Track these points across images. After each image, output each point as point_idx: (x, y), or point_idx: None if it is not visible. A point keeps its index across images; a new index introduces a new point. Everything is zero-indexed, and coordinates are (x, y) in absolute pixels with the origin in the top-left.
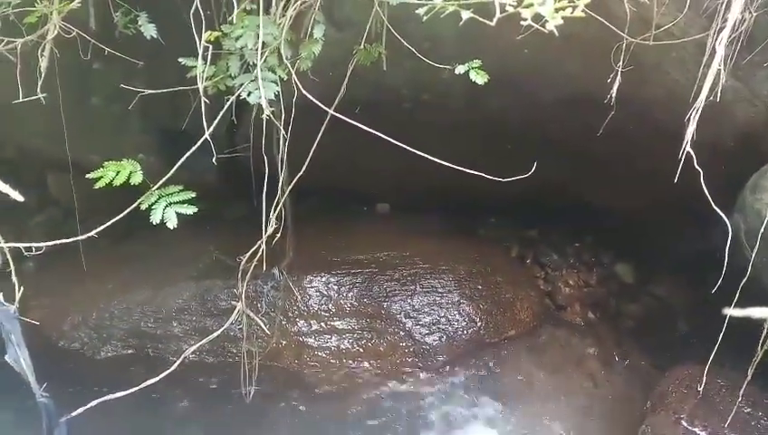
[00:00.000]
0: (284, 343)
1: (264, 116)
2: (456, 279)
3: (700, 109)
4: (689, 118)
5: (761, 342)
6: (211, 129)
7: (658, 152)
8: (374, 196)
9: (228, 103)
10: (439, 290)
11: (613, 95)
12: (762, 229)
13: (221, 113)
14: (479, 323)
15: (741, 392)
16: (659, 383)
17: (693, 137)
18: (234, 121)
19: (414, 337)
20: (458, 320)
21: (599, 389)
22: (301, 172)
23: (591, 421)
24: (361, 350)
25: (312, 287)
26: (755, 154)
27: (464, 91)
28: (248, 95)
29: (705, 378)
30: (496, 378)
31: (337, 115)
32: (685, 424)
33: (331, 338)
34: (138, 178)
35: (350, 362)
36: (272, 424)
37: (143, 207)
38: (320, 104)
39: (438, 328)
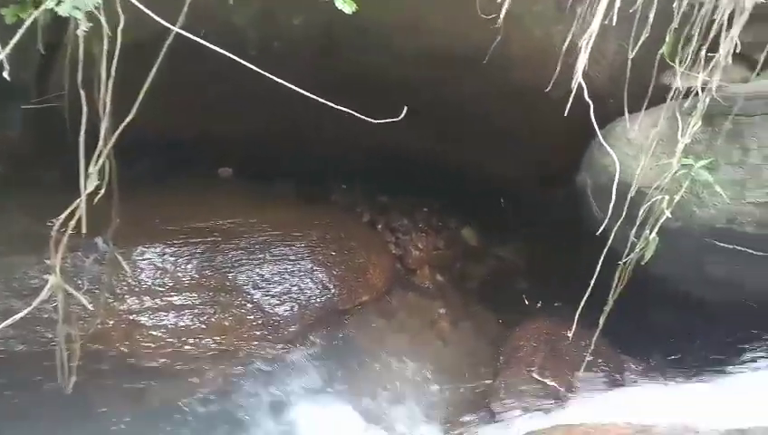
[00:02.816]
0: (112, 323)
1: (81, 40)
2: (309, 246)
3: (594, 34)
4: (582, 46)
5: (612, 292)
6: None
7: (515, 112)
8: (216, 160)
9: (30, 19)
10: (291, 258)
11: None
12: (615, 185)
13: (17, 36)
14: (333, 290)
15: (592, 342)
16: (510, 339)
17: (585, 68)
18: (45, 63)
19: (263, 309)
20: (311, 288)
21: (449, 348)
22: (127, 119)
23: (445, 380)
24: (203, 326)
25: (143, 260)
26: (601, 113)
27: (318, 39)
28: (57, 4)
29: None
30: (350, 344)
31: (183, 33)
32: (536, 376)
33: (167, 315)
34: None
35: (191, 339)
36: (98, 415)
37: None
38: (160, 20)
39: (290, 297)
